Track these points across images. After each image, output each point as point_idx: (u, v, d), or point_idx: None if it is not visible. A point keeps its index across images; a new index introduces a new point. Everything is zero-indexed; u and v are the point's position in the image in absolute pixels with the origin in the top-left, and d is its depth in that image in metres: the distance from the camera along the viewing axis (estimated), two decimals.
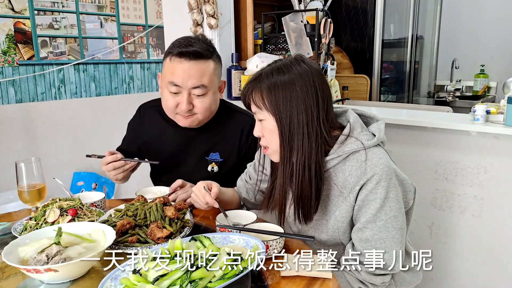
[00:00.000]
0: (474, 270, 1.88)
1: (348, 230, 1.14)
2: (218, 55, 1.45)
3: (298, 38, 2.46)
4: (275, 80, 1.06)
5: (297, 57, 1.11)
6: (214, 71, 1.41)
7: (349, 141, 1.09)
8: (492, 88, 3.91)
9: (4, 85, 2.92)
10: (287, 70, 1.07)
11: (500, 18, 3.74)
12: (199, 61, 1.36)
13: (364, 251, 1.08)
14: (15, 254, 0.95)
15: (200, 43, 1.39)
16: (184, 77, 1.36)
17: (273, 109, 1.06)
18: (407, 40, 3.31)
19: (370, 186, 1.05)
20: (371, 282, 1.09)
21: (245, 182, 1.40)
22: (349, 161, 1.10)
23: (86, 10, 3.37)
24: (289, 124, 1.06)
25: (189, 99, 1.39)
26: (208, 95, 1.41)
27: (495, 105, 1.80)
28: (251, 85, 1.10)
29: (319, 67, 1.13)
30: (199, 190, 1.23)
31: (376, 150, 1.09)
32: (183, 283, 0.80)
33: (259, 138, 1.16)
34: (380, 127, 1.15)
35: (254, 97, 1.09)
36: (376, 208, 1.05)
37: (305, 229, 1.20)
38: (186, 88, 1.37)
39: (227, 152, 1.53)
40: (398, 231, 1.07)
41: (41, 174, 1.28)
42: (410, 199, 1.13)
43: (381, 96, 3.16)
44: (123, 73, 3.66)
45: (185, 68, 1.36)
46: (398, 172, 1.09)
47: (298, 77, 1.05)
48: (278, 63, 1.10)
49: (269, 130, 1.10)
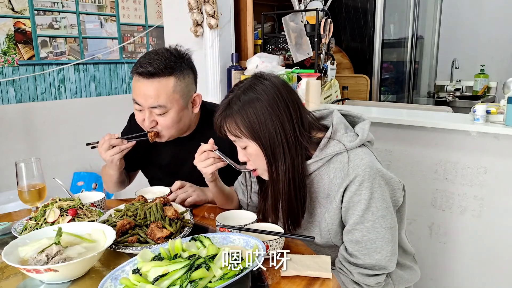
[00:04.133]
0: (474, 270, 1.88)
1: (339, 232, 1.14)
2: (187, 67, 1.39)
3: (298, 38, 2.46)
4: (244, 106, 1.06)
5: (257, 75, 1.11)
6: (175, 89, 1.35)
7: (331, 144, 1.10)
8: (492, 88, 3.91)
9: (4, 85, 2.92)
10: (252, 92, 1.07)
11: (500, 18, 3.74)
12: (154, 79, 1.32)
13: (355, 252, 1.09)
14: (15, 254, 0.95)
15: (161, 60, 1.33)
16: (141, 96, 1.35)
17: (252, 135, 1.07)
18: (407, 40, 3.31)
19: (353, 188, 1.06)
20: (365, 283, 1.09)
21: (241, 184, 1.41)
22: (332, 163, 1.11)
23: (86, 10, 3.37)
24: (271, 144, 1.06)
25: (150, 117, 1.37)
26: (170, 114, 1.37)
27: (495, 105, 1.80)
28: (222, 117, 1.10)
29: (280, 78, 1.13)
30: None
31: (358, 151, 1.09)
32: (183, 283, 0.80)
33: (246, 163, 1.17)
34: (364, 127, 1.15)
35: (230, 127, 1.09)
36: (362, 209, 1.06)
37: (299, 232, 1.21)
38: (146, 107, 1.36)
39: (222, 152, 1.52)
40: (388, 231, 1.07)
41: (41, 174, 1.28)
42: (399, 197, 1.14)
43: (381, 96, 3.16)
44: (123, 73, 3.66)
45: (142, 87, 1.34)
46: (383, 171, 1.08)
47: (265, 96, 1.06)
48: (240, 88, 1.09)
49: (254, 154, 1.10)
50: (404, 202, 1.17)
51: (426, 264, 1.97)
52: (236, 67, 2.39)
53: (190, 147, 1.42)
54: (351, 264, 1.10)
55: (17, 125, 2.99)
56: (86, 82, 3.41)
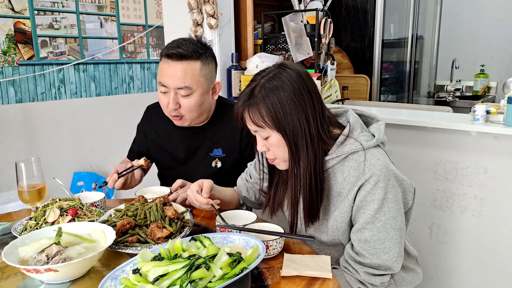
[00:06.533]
0: (474, 270, 1.88)
1: (347, 231, 1.14)
2: (210, 56, 1.48)
3: (298, 38, 2.46)
4: (269, 94, 1.03)
5: (281, 64, 1.09)
6: (200, 72, 1.43)
7: (348, 142, 1.09)
8: (492, 88, 3.91)
9: (4, 85, 2.92)
10: (276, 81, 1.04)
11: (500, 18, 3.74)
12: (183, 62, 1.41)
13: (363, 251, 1.08)
14: (15, 254, 0.95)
15: (189, 44, 1.43)
16: (169, 77, 1.42)
17: (276, 126, 1.04)
18: (407, 40, 3.31)
19: (368, 187, 1.05)
20: (370, 283, 1.09)
21: (246, 181, 1.40)
22: (348, 161, 1.10)
23: (86, 10, 3.37)
24: (294, 135, 1.05)
25: (175, 99, 1.44)
26: (194, 96, 1.44)
27: (495, 105, 1.80)
28: (245, 105, 1.07)
29: (304, 68, 1.11)
30: (191, 191, 1.23)
31: (374, 151, 1.09)
32: (183, 283, 0.80)
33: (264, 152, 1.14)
34: (380, 127, 1.15)
35: (253, 117, 1.05)
36: (374, 209, 1.06)
37: (306, 229, 1.21)
38: (172, 88, 1.43)
39: (229, 148, 1.58)
40: (397, 232, 1.07)
41: (41, 174, 1.28)
42: (409, 199, 1.14)
43: (381, 96, 3.16)
44: (123, 73, 3.66)
45: (170, 69, 1.42)
46: (397, 173, 1.09)
47: (290, 86, 1.03)
48: (264, 77, 1.06)
49: (275, 145, 1.08)
50: (412, 205, 1.17)
51: (426, 264, 1.97)
52: (236, 67, 2.39)
53: (202, 138, 1.57)
54: (357, 263, 1.10)
55: (17, 125, 2.99)
56: (86, 82, 3.41)
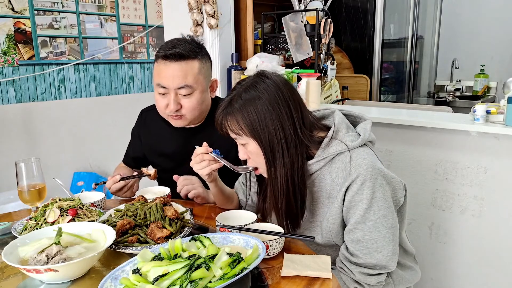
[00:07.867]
0: (474, 270, 1.88)
1: (340, 232, 1.14)
2: (205, 54, 1.49)
3: (298, 38, 2.46)
4: (245, 104, 1.07)
5: (259, 74, 1.12)
6: (200, 71, 1.44)
7: (333, 144, 1.11)
8: (492, 88, 3.91)
9: (4, 85, 2.92)
10: (253, 91, 1.07)
11: (500, 18, 3.74)
12: (182, 61, 1.41)
13: (356, 252, 1.09)
14: (15, 254, 0.95)
15: (185, 44, 1.43)
16: (169, 78, 1.41)
17: (252, 133, 1.07)
18: (407, 40, 3.31)
19: (355, 187, 1.06)
20: (366, 283, 1.10)
21: (242, 184, 1.42)
22: (335, 163, 1.11)
23: (86, 10, 3.37)
24: (270, 143, 1.07)
25: (176, 99, 1.43)
26: (195, 95, 1.45)
27: (495, 105, 1.80)
28: (223, 114, 1.11)
29: (282, 77, 1.14)
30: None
31: (360, 151, 1.09)
32: (183, 283, 0.80)
33: (247, 160, 1.17)
34: (366, 127, 1.15)
35: (230, 125, 1.10)
36: (363, 209, 1.06)
37: (300, 232, 1.21)
38: (172, 89, 1.42)
39: (226, 148, 1.56)
40: (389, 230, 1.08)
41: (41, 174, 1.28)
42: (400, 197, 1.14)
43: (381, 96, 3.16)
44: (123, 73, 3.66)
45: (169, 70, 1.41)
46: (384, 171, 1.09)
47: (266, 95, 1.06)
48: (242, 86, 1.10)
49: (254, 153, 1.11)
50: (405, 202, 1.18)
51: (426, 264, 1.97)
52: (236, 67, 2.39)
53: (198, 138, 1.52)
54: (352, 263, 1.11)
55: (17, 125, 2.99)
56: (86, 82, 3.41)
